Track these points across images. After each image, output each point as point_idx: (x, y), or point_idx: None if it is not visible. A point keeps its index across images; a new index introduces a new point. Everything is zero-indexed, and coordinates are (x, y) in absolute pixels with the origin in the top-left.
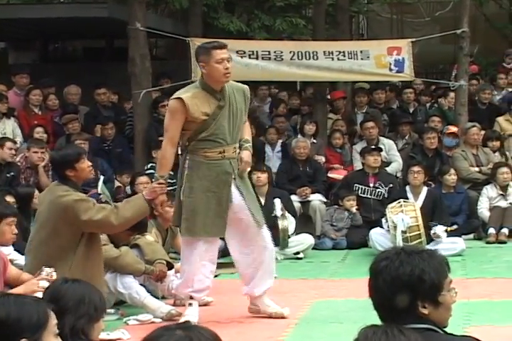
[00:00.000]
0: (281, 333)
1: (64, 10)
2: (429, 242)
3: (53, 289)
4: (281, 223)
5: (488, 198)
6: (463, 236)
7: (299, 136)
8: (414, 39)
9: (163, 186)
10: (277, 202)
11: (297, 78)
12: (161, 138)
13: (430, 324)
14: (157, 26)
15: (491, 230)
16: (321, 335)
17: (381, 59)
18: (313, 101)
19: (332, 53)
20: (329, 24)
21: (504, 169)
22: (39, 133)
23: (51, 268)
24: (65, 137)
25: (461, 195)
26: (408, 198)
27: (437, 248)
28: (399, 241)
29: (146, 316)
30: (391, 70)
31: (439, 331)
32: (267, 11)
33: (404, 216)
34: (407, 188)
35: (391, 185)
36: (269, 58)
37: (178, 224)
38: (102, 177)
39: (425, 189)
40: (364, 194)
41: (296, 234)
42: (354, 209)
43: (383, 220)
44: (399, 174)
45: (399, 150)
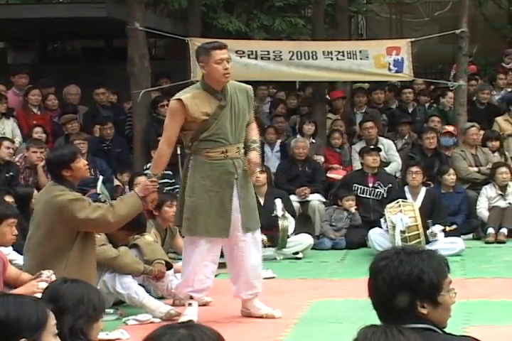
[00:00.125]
0: (280, 333)
1: (63, 10)
2: (428, 242)
3: (52, 289)
4: (281, 223)
5: (487, 198)
6: (462, 236)
7: (298, 136)
8: (413, 39)
9: (155, 184)
10: (278, 202)
11: (296, 78)
12: (160, 138)
13: (429, 324)
14: (156, 26)
15: (490, 230)
16: (320, 335)
17: (380, 59)
18: (312, 101)
19: (331, 53)
20: (328, 24)
21: (503, 169)
22: (38, 133)
23: (50, 270)
24: (64, 137)
25: (460, 195)
26: (407, 198)
27: (436, 248)
28: (398, 241)
29: (145, 316)
30: (390, 70)
31: (438, 331)
32: (266, 11)
33: (403, 216)
34: (406, 188)
35: (390, 185)
36: (268, 58)
37: (180, 224)
38: (101, 177)
39: (424, 189)
40: (363, 194)
41: (295, 234)
42: (353, 209)
43: (382, 220)
44: (398, 174)
45: (398, 150)
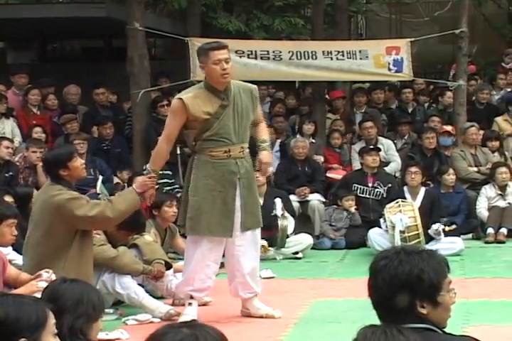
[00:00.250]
0: (279, 333)
1: (62, 10)
2: (427, 242)
3: (52, 289)
4: (281, 223)
5: (486, 198)
6: (461, 236)
7: (298, 136)
8: (413, 39)
9: (153, 180)
10: (278, 202)
11: (296, 78)
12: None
13: (429, 324)
14: (156, 26)
15: (490, 230)
16: (320, 335)
17: (380, 59)
18: (311, 100)
19: (331, 53)
20: (328, 24)
21: (503, 169)
22: (38, 133)
23: (49, 270)
24: (64, 137)
25: (459, 195)
26: (406, 198)
27: (436, 248)
28: (397, 241)
29: (145, 316)
30: (390, 70)
31: (438, 331)
32: (266, 11)
33: (402, 216)
34: (405, 188)
35: (390, 185)
36: (267, 58)
37: (183, 224)
38: (101, 177)
39: (423, 189)
40: (363, 194)
41: (294, 234)
42: (353, 209)
43: (381, 220)
44: (397, 174)
45: (398, 150)
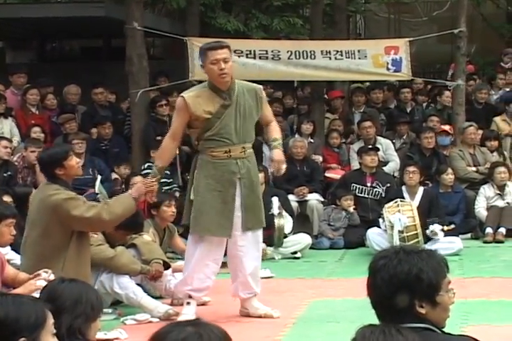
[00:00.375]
0: (278, 332)
1: (61, 9)
2: (426, 242)
3: (50, 288)
4: (277, 221)
5: (485, 198)
6: (460, 235)
7: (296, 136)
8: (411, 38)
9: (151, 184)
10: (275, 201)
11: (295, 77)
12: (159, 137)
13: (428, 323)
14: (154, 26)
15: (488, 230)
16: (319, 334)
17: (378, 58)
18: (310, 100)
19: (329, 53)
20: (326, 24)
21: (501, 168)
22: (36, 132)
23: (47, 270)
24: (63, 137)
25: (458, 195)
26: (404, 198)
27: (435, 247)
28: (396, 240)
29: (144, 316)
30: (388, 70)
31: (437, 330)
32: (265, 11)
33: (401, 216)
34: (404, 188)
35: (388, 185)
36: (266, 57)
37: (188, 223)
38: (100, 176)
39: (421, 189)
40: (361, 193)
41: (293, 234)
42: (351, 208)
43: (380, 220)
44: (396, 173)
45: (396, 149)
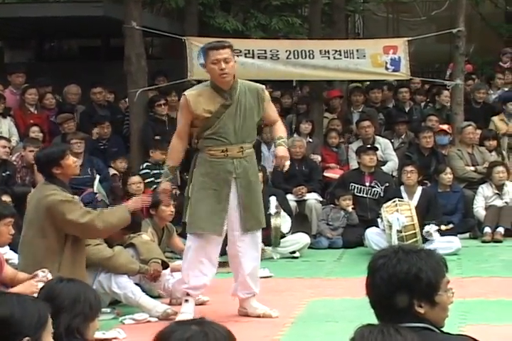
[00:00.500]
0: (277, 332)
1: (60, 9)
2: (424, 241)
3: (48, 288)
4: (273, 221)
5: (483, 197)
6: (459, 235)
7: (295, 135)
8: (410, 38)
9: (148, 199)
10: (272, 200)
11: (293, 77)
12: (158, 137)
13: (426, 323)
14: (153, 25)
15: (487, 229)
16: (317, 334)
17: (377, 58)
18: (309, 100)
19: (328, 52)
20: (325, 23)
21: (500, 168)
22: (35, 132)
23: (45, 270)
24: (61, 136)
25: (457, 194)
26: (403, 198)
27: (433, 247)
28: (394, 240)
29: (142, 315)
30: (387, 69)
31: (436, 330)
32: (263, 10)
33: (399, 215)
34: (402, 188)
35: (387, 184)
36: (265, 57)
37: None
38: (98, 176)
39: (420, 188)
40: (360, 193)
41: (292, 233)
42: (350, 208)
43: (379, 220)
44: (395, 173)
45: (395, 149)
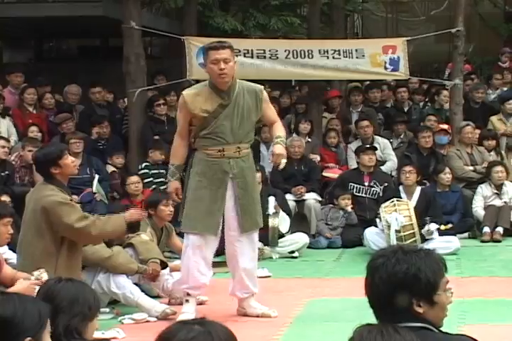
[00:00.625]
0: (276, 332)
1: (59, 8)
2: (423, 241)
3: (47, 288)
4: (271, 221)
5: (482, 197)
6: (458, 234)
7: (294, 135)
8: (409, 38)
9: (144, 213)
10: (271, 200)
11: (292, 77)
12: (157, 137)
13: (425, 323)
14: (152, 25)
15: (486, 229)
16: (316, 334)
17: (376, 57)
18: (308, 99)
19: (327, 52)
20: (324, 23)
21: (499, 168)
22: (34, 132)
23: (40, 269)
24: (60, 136)
25: (456, 194)
26: (402, 198)
27: (432, 247)
28: (393, 240)
29: (141, 315)
30: (386, 69)
31: (435, 330)
32: (262, 10)
33: (397, 215)
34: (401, 188)
35: (386, 184)
36: (264, 57)
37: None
38: (97, 176)
39: (419, 188)
40: (359, 193)
41: (291, 233)
42: (349, 208)
43: (377, 220)
44: (394, 173)
45: (394, 149)
